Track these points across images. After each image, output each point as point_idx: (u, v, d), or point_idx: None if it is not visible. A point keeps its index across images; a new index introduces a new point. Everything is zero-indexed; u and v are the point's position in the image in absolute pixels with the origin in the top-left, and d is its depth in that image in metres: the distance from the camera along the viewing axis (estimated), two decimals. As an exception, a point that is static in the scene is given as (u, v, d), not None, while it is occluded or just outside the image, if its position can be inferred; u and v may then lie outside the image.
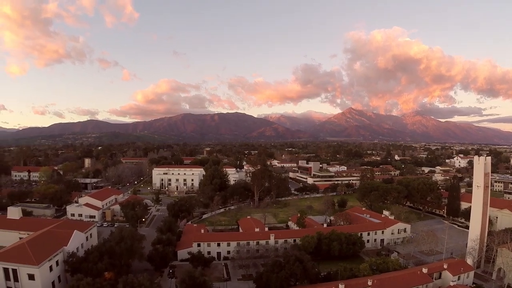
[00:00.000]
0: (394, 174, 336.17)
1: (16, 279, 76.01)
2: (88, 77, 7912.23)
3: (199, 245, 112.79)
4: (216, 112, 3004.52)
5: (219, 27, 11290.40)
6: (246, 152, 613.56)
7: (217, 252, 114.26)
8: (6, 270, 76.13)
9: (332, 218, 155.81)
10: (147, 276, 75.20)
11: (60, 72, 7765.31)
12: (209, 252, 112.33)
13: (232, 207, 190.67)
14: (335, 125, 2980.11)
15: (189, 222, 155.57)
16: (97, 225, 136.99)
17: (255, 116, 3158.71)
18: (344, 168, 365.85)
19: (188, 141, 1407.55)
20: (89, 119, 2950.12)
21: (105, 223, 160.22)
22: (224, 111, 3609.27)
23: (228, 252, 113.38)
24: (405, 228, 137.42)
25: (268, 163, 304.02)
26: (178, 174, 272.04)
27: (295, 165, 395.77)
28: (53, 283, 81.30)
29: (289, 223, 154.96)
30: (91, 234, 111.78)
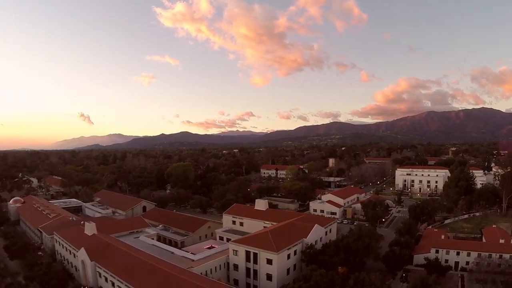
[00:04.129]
0: None
1: (255, 262, 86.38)
2: (327, 81, 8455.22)
3: (437, 251, 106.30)
4: (461, 108, 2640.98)
5: (452, 16, 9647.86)
6: (495, 152, 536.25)
7: (455, 262, 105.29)
8: (248, 253, 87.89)
9: None
10: (379, 276, 73.72)
11: (301, 78, 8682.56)
12: (446, 260, 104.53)
13: (477, 214, 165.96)
14: None
15: (430, 226, 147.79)
16: (337, 221, 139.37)
17: (503, 110, 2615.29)
18: None
19: (432, 140, 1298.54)
20: (331, 121, 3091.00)
21: (345, 221, 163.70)
22: (469, 107, 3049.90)
23: (467, 263, 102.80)
24: None
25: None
26: (422, 175, 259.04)
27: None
28: (288, 269, 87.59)
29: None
30: (330, 229, 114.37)
